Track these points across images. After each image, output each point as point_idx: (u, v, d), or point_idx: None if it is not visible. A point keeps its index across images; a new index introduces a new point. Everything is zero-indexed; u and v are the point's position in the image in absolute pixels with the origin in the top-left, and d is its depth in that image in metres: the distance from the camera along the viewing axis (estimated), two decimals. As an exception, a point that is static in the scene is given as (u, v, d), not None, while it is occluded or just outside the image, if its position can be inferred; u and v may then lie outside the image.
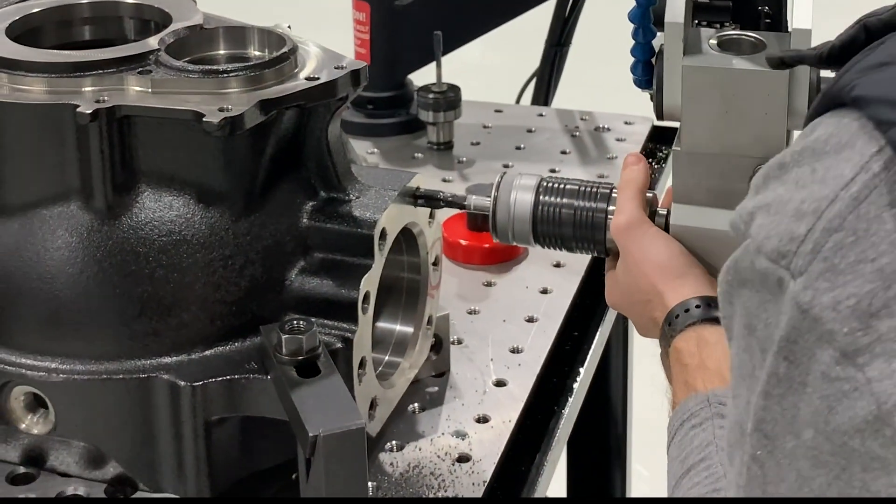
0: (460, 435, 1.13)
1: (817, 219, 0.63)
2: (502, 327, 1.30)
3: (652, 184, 1.56)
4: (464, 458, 1.10)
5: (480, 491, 1.07)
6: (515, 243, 1.11)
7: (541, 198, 1.08)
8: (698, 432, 0.91)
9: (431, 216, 1.12)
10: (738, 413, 0.69)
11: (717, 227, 1.00)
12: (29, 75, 0.99)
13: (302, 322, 0.95)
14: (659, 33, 1.03)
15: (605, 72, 0.97)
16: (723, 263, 0.71)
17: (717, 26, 1.06)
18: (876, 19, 0.68)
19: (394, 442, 1.11)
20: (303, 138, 1.04)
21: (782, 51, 0.77)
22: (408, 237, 1.11)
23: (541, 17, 1.87)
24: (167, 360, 0.98)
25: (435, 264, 1.14)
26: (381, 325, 1.13)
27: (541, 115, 1.80)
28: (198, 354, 0.98)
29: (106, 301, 0.97)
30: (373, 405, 1.04)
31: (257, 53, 1.08)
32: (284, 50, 1.02)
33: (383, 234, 1.02)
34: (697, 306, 0.98)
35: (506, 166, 1.64)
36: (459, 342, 1.27)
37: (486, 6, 1.74)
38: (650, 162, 1.66)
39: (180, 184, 0.99)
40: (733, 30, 1.05)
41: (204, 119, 0.93)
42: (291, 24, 1.11)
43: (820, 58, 0.71)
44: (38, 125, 0.98)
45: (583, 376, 1.28)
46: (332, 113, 1.03)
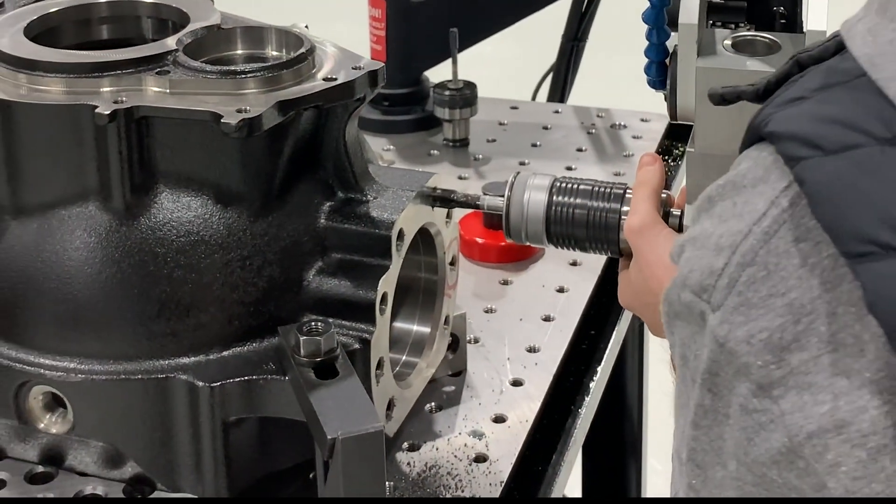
0: (477, 435, 1.13)
1: (732, 253, 0.65)
2: (519, 326, 1.30)
3: (668, 181, 1.57)
4: (481, 458, 1.10)
5: (498, 491, 1.07)
6: (528, 243, 1.10)
7: (554, 198, 1.07)
8: None
9: (449, 216, 1.12)
10: (677, 442, 0.71)
11: None
12: (47, 76, 0.99)
13: (320, 323, 0.95)
14: (673, 34, 1.02)
15: (621, 64, 0.97)
16: None
17: (732, 27, 1.06)
18: (807, 55, 0.69)
19: (410, 441, 1.12)
20: (320, 139, 1.03)
21: (722, 87, 0.78)
22: (425, 237, 1.11)
23: (557, 10, 1.86)
24: (185, 360, 0.98)
25: (452, 264, 1.14)
26: (398, 325, 1.13)
27: (557, 111, 1.79)
28: (216, 355, 0.99)
29: (124, 301, 0.97)
30: (390, 405, 1.04)
31: (275, 54, 1.08)
32: (302, 50, 1.02)
33: (401, 235, 1.02)
34: None
35: (522, 164, 1.63)
36: (476, 341, 1.27)
37: (503, 3, 1.74)
38: (666, 159, 1.66)
39: (198, 184, 0.99)
40: (748, 30, 1.04)
41: (222, 120, 0.93)
42: (308, 19, 1.11)
43: (757, 93, 0.72)
44: (56, 126, 0.98)
45: (599, 375, 1.28)
46: (350, 113, 1.03)
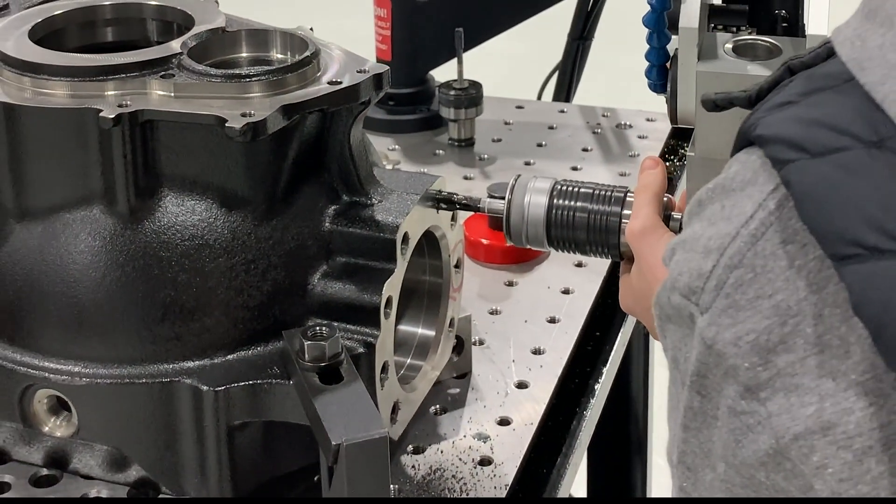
0: (482, 437, 1.13)
1: (720, 255, 0.65)
2: (524, 328, 1.30)
3: (673, 182, 1.57)
4: (486, 461, 1.10)
5: (503, 494, 1.07)
6: (529, 246, 1.10)
7: (555, 201, 1.07)
8: None
9: (454, 218, 1.12)
10: (669, 444, 0.71)
11: None
12: (52, 79, 0.99)
13: (325, 328, 0.95)
14: (673, 37, 1.02)
15: (627, 63, 0.96)
16: None
17: (734, 30, 1.06)
18: (798, 61, 0.69)
19: (415, 444, 1.11)
20: (325, 142, 1.03)
21: (715, 94, 0.79)
22: (430, 240, 1.11)
23: (562, 9, 1.86)
24: (190, 364, 0.98)
25: (457, 267, 1.14)
26: (402, 328, 1.13)
27: (562, 111, 1.79)
28: (220, 359, 0.98)
29: (129, 305, 0.97)
30: (395, 409, 1.04)
31: (280, 56, 1.07)
32: (307, 54, 1.02)
33: (406, 239, 1.02)
34: None
35: (527, 164, 1.63)
36: (481, 343, 1.26)
37: (509, 3, 1.74)
38: (672, 159, 1.66)
39: (203, 188, 0.99)
40: (749, 34, 1.04)
41: (226, 125, 0.93)
42: (318, 14, 1.10)
43: (749, 99, 0.72)
44: (61, 129, 0.98)
45: (605, 377, 1.27)
46: (355, 117, 1.02)
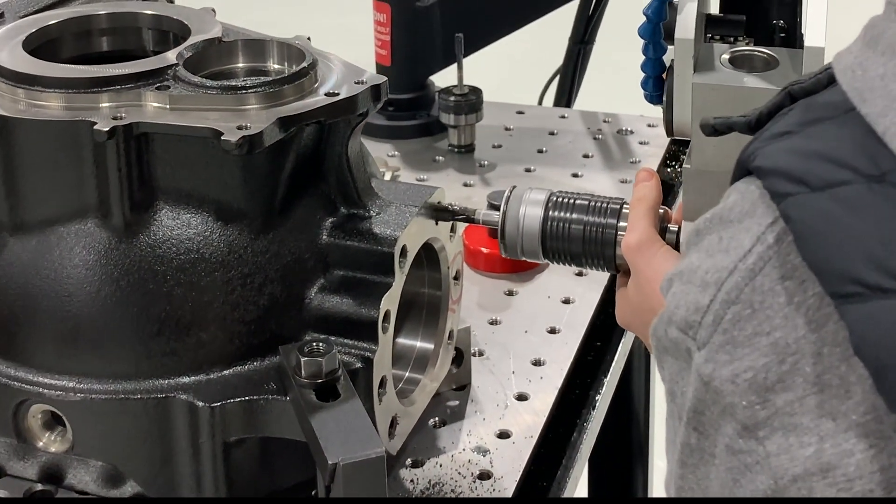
0: (481, 451, 1.12)
1: (718, 290, 0.64)
2: (524, 338, 1.29)
3: (674, 188, 1.55)
4: (485, 475, 1.09)
5: (502, 509, 1.06)
6: (525, 258, 1.09)
7: (550, 213, 1.06)
8: None
9: (453, 230, 1.11)
10: (667, 477, 0.71)
11: None
12: (46, 91, 0.98)
13: (321, 344, 0.94)
14: (670, 48, 1.01)
15: (629, 67, 0.96)
16: None
17: (732, 40, 1.05)
18: (799, 87, 0.68)
19: (414, 458, 1.10)
20: (322, 154, 1.02)
21: (714, 119, 0.77)
22: (428, 251, 1.09)
23: (564, 12, 1.84)
24: (185, 379, 0.97)
25: (456, 278, 1.13)
26: (401, 340, 1.12)
27: (563, 116, 1.78)
28: (216, 374, 0.97)
29: (123, 320, 0.96)
30: (393, 424, 1.03)
31: (277, 67, 1.06)
32: (304, 65, 1.00)
33: (404, 252, 1.01)
34: None
35: (528, 171, 1.62)
36: (480, 354, 1.25)
37: (509, 7, 1.73)
38: (673, 165, 1.65)
39: (198, 201, 0.97)
40: (747, 44, 1.03)
41: (222, 138, 0.92)
42: (325, 11, 1.09)
43: (749, 125, 0.71)
44: (54, 142, 0.97)
45: (605, 388, 1.26)
46: (353, 128, 1.01)
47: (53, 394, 0.98)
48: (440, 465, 1.10)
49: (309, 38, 1.09)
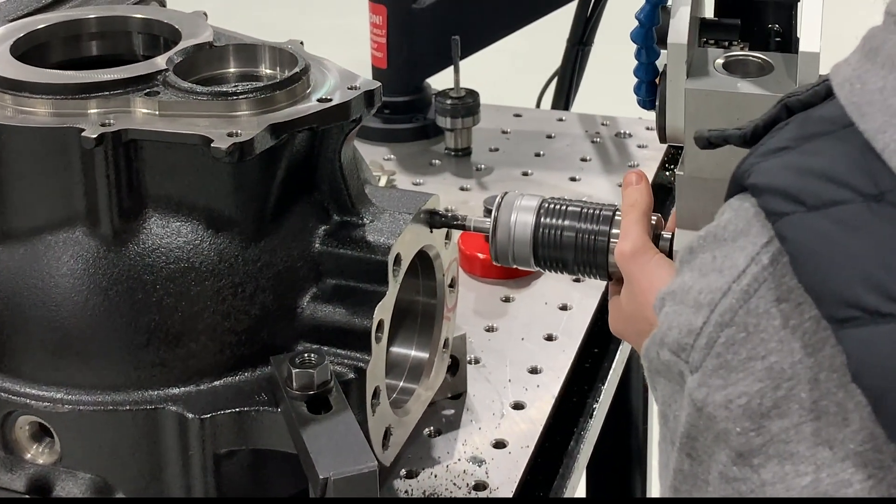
0: (477, 461, 1.10)
1: (711, 311, 0.62)
2: (520, 346, 1.27)
3: (672, 193, 1.54)
4: (480, 486, 1.07)
5: (497, 521, 1.04)
6: (516, 266, 1.07)
7: (542, 220, 1.04)
8: None
9: (448, 237, 1.09)
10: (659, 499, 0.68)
11: None
12: (33, 97, 0.96)
13: (313, 355, 0.93)
14: (663, 52, 0.99)
15: (627, 69, 0.94)
16: None
17: (726, 45, 1.03)
18: (795, 99, 0.66)
19: (408, 468, 1.09)
20: (315, 160, 1.00)
21: (708, 131, 0.75)
22: (423, 258, 1.08)
23: (562, 13, 1.82)
24: (175, 391, 0.95)
25: (451, 286, 1.11)
26: (395, 349, 1.10)
27: (561, 119, 1.76)
28: (206, 385, 0.96)
29: (112, 330, 0.95)
30: (387, 435, 1.01)
31: (269, 72, 1.05)
32: (296, 70, 0.99)
33: (398, 260, 0.99)
34: None
35: (525, 174, 1.60)
36: (476, 361, 1.24)
37: (506, 9, 1.71)
38: (672, 168, 1.63)
39: (188, 209, 0.96)
40: (742, 49, 1.01)
41: (212, 145, 0.90)
42: (325, 12, 1.07)
43: (744, 138, 0.69)
44: (42, 149, 0.95)
45: (603, 396, 1.25)
46: (346, 135, 1.00)
47: (41, 405, 0.96)
48: (435, 476, 1.09)
49: (302, 43, 1.07)
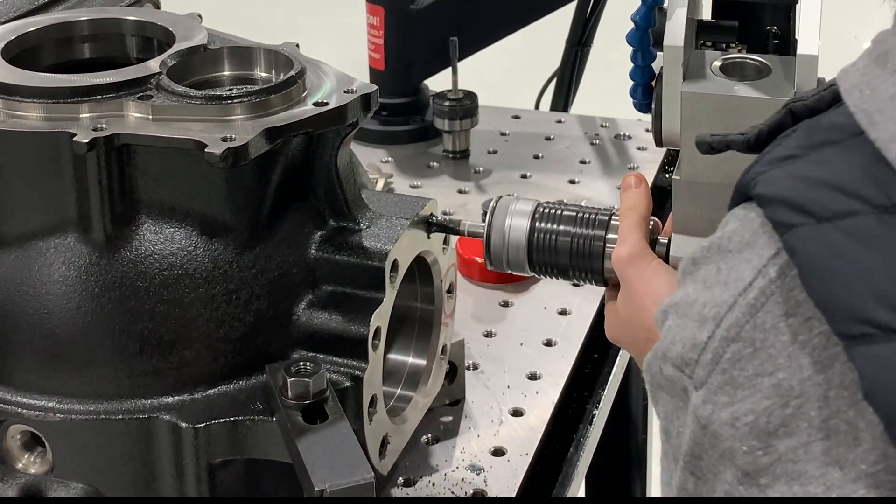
0: (475, 469, 1.09)
1: (717, 326, 0.60)
2: (519, 351, 1.26)
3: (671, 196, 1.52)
4: (479, 495, 1.06)
5: (496, 531, 1.03)
6: (511, 271, 1.05)
7: (537, 224, 1.02)
8: None
9: (446, 242, 1.08)
10: None
11: None
12: (25, 101, 0.95)
13: (309, 364, 0.91)
14: (659, 55, 0.98)
15: (627, 70, 0.93)
16: None
17: (724, 47, 1.01)
18: (801, 104, 0.65)
19: (406, 476, 1.07)
20: (311, 165, 0.99)
21: (711, 136, 0.73)
22: (421, 264, 1.06)
23: (561, 14, 1.81)
24: (168, 399, 0.94)
25: (449, 292, 1.10)
26: (392, 356, 1.09)
27: (560, 121, 1.75)
28: (200, 394, 0.94)
29: (104, 338, 0.93)
30: (384, 443, 1.00)
31: (264, 75, 1.03)
32: (292, 73, 0.97)
33: (395, 266, 0.98)
34: None
35: (524, 177, 1.59)
36: (475, 367, 1.22)
37: (504, 10, 1.69)
38: (671, 171, 1.61)
39: (182, 215, 0.94)
40: (739, 51, 1.00)
41: (206, 150, 0.88)
42: (328, 9, 1.06)
43: (748, 144, 0.67)
44: (33, 153, 0.94)
45: (603, 403, 1.23)
46: (342, 139, 0.98)
47: (33, 414, 0.94)
48: (433, 485, 1.07)
49: (298, 45, 1.06)
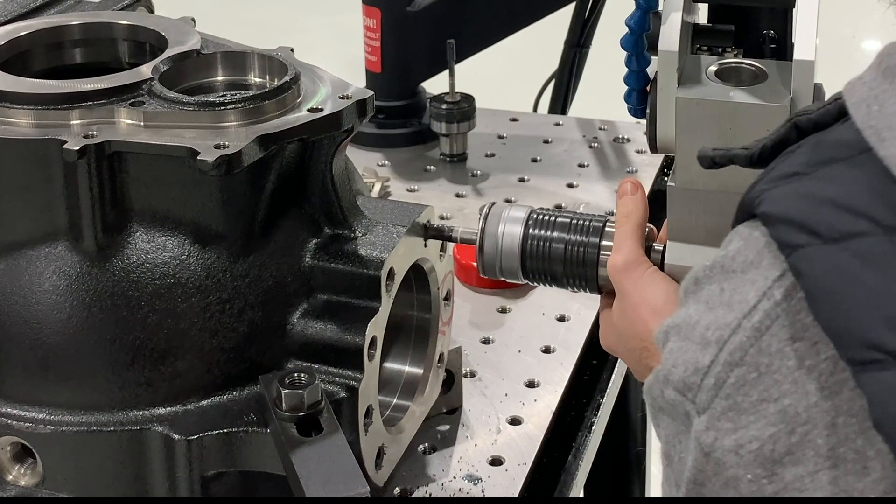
0: (473, 479, 1.07)
1: (720, 349, 0.59)
2: (517, 358, 1.24)
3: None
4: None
5: (494, 542, 1.01)
6: (504, 279, 1.04)
7: (530, 231, 1.01)
8: None
9: (443, 249, 1.06)
10: None
11: None
12: (14, 107, 0.93)
13: (303, 375, 0.90)
14: (654, 59, 0.96)
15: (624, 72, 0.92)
16: None
17: (720, 51, 1.00)
18: (806, 118, 0.63)
19: (402, 487, 1.06)
20: (306, 172, 0.98)
21: (713, 150, 0.72)
22: (417, 272, 1.05)
23: (559, 15, 1.79)
24: (161, 411, 0.92)
25: (447, 299, 1.08)
26: (388, 365, 1.07)
27: (558, 124, 1.73)
28: (193, 405, 0.93)
29: (96, 348, 0.92)
30: (380, 454, 0.98)
31: (258, 80, 1.02)
32: (286, 79, 0.96)
33: (391, 275, 0.96)
34: None
35: (521, 180, 1.57)
36: (472, 375, 1.21)
37: (502, 12, 1.68)
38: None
39: (174, 223, 0.93)
40: (736, 56, 0.98)
41: (198, 157, 0.87)
42: (327, 8, 1.04)
43: (751, 159, 0.66)
44: (23, 161, 0.92)
45: (602, 410, 1.22)
46: (337, 145, 0.97)
47: (23, 426, 0.93)
48: (430, 494, 1.06)
49: (293, 50, 1.05)
